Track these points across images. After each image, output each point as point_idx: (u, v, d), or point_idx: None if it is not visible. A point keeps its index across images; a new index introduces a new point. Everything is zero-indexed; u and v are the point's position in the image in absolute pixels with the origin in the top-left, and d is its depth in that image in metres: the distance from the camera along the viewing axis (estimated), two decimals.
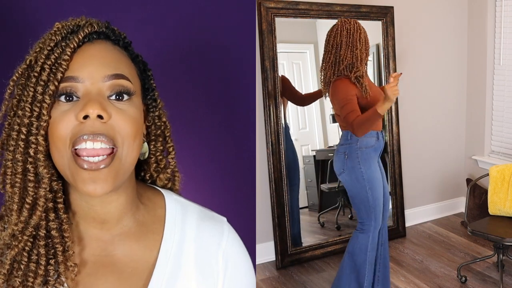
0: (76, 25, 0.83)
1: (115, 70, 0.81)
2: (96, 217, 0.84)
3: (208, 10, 1.50)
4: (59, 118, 0.78)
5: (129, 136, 0.80)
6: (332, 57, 2.10)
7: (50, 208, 0.81)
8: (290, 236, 2.83)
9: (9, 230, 0.79)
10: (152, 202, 0.93)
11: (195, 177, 1.17)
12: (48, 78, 0.78)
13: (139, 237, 0.87)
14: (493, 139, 3.40)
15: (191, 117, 1.47)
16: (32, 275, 0.78)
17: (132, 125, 0.80)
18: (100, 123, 0.77)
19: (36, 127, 0.78)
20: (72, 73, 0.78)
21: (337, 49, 2.09)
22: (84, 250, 0.84)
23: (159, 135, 0.95)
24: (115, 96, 0.80)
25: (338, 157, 2.16)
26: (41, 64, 0.79)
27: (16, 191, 0.79)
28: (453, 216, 3.62)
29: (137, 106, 0.84)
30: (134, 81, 0.84)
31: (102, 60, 0.81)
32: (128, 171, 0.83)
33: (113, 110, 0.79)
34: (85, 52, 0.81)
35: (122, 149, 0.80)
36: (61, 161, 0.79)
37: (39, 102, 0.77)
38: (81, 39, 0.81)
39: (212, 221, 0.93)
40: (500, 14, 3.20)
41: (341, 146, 2.16)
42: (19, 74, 0.81)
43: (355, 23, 2.11)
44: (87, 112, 0.76)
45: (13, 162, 0.80)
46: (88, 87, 0.78)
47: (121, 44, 0.87)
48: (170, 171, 0.98)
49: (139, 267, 0.85)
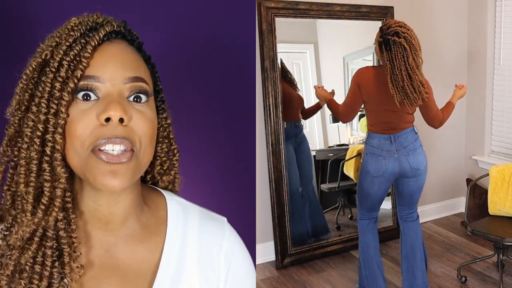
0: (95, 22, 0.81)
1: (135, 72, 0.80)
2: (102, 217, 0.84)
3: (208, 10, 1.50)
4: (78, 117, 0.75)
5: (146, 137, 0.79)
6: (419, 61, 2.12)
7: (59, 207, 0.78)
8: (290, 236, 2.83)
9: (19, 232, 0.76)
10: (155, 203, 0.93)
11: (195, 177, 1.18)
12: (66, 75, 0.75)
13: (142, 239, 0.87)
14: (493, 139, 3.40)
15: (191, 117, 1.46)
16: (37, 277, 0.76)
17: (150, 126, 0.80)
18: (121, 127, 0.75)
19: (53, 124, 0.75)
20: (92, 72, 0.76)
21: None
22: (90, 252, 0.83)
23: (165, 136, 0.94)
24: (133, 98, 0.79)
25: (421, 151, 2.26)
26: (59, 60, 0.76)
27: (31, 190, 0.76)
28: (453, 216, 3.62)
29: (153, 108, 0.84)
30: (149, 83, 0.84)
31: (122, 61, 0.79)
32: (142, 171, 0.82)
33: (133, 112, 0.78)
34: (106, 52, 0.79)
35: (140, 150, 0.79)
36: (77, 159, 0.76)
37: (56, 99, 0.75)
38: (101, 37, 0.79)
39: (213, 222, 0.93)
40: (500, 14, 3.20)
41: (416, 141, 2.25)
42: (33, 68, 0.78)
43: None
44: (109, 115, 0.74)
45: (27, 160, 0.76)
46: (109, 88, 0.77)
47: (135, 45, 0.87)
48: (173, 172, 0.97)
49: (142, 269, 0.85)
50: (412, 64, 2.02)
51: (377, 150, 2.21)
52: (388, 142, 2.20)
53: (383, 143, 2.20)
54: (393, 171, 2.22)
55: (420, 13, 3.21)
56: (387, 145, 2.20)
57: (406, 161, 2.21)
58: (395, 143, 2.20)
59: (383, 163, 2.21)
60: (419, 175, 2.27)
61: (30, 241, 0.77)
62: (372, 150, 2.23)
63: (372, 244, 2.39)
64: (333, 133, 3.07)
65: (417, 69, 2.04)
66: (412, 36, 2.04)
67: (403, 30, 2.03)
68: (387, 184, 2.28)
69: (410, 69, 2.02)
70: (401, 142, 2.20)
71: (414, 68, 2.03)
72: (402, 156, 2.20)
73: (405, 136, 2.21)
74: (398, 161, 2.21)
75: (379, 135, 2.21)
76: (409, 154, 2.21)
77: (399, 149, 2.20)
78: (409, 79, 2.03)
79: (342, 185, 3.11)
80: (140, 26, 0.92)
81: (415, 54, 2.03)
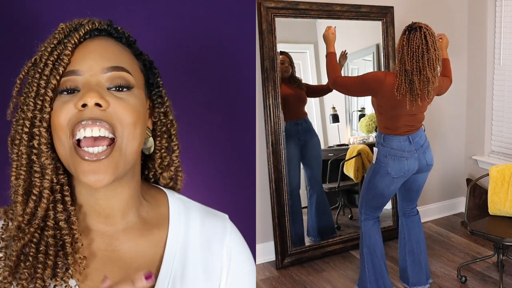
0: (79, 24, 0.85)
1: (114, 62, 0.82)
2: (101, 211, 0.85)
3: (208, 10, 1.50)
4: (59, 108, 0.80)
5: (129, 125, 0.81)
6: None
7: (58, 199, 0.82)
8: (290, 236, 2.83)
9: (15, 222, 0.80)
10: (156, 200, 0.94)
11: (195, 177, 1.18)
12: (50, 72, 0.80)
13: (143, 232, 0.88)
14: (493, 139, 3.40)
15: (191, 117, 1.46)
16: (41, 266, 0.78)
17: (132, 113, 0.82)
18: (99, 110, 0.79)
19: (39, 119, 0.80)
20: (73, 67, 0.81)
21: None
22: (91, 244, 0.85)
23: (165, 132, 0.96)
24: (114, 87, 0.82)
25: (430, 147, 2.35)
26: (44, 60, 0.81)
27: (20, 182, 0.80)
28: (453, 216, 3.62)
29: (138, 97, 0.85)
30: (135, 74, 0.86)
31: (102, 53, 0.82)
32: (130, 162, 0.84)
33: (112, 98, 0.80)
34: (86, 47, 0.83)
35: (122, 138, 0.81)
36: (64, 152, 0.80)
37: (41, 95, 0.79)
38: (82, 35, 0.83)
39: (215, 218, 0.95)
40: (500, 14, 3.19)
41: (426, 138, 2.33)
42: (25, 72, 0.84)
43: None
44: (85, 101, 0.77)
45: (18, 155, 0.81)
46: (87, 78, 0.80)
47: (123, 41, 0.89)
48: (174, 169, 0.99)
49: (146, 263, 0.86)
50: (431, 56, 2.04)
51: (399, 151, 2.23)
52: (408, 143, 2.24)
53: (403, 144, 2.23)
54: (413, 169, 2.27)
55: (420, 13, 3.21)
56: (407, 146, 2.24)
57: (424, 159, 2.28)
58: (414, 143, 2.25)
59: (405, 164, 2.24)
60: (428, 170, 2.37)
61: (28, 231, 0.79)
62: (393, 152, 2.23)
63: (379, 245, 2.41)
64: (333, 133, 3.07)
65: (432, 66, 2.06)
66: (433, 37, 2.08)
67: (427, 28, 2.08)
68: (401, 182, 2.33)
69: (427, 61, 2.04)
70: (418, 141, 2.26)
71: (431, 61, 2.05)
72: (421, 154, 2.27)
73: (419, 136, 2.28)
74: (418, 160, 2.27)
75: (398, 137, 2.23)
76: (425, 152, 2.29)
77: (417, 148, 2.26)
78: (418, 73, 2.05)
79: (342, 185, 3.11)
80: (140, 26, 0.93)
81: (433, 50, 2.05)
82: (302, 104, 2.89)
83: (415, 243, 2.47)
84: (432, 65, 2.06)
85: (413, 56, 2.04)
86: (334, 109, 3.05)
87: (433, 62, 2.05)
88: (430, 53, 2.04)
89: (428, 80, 2.07)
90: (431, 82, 2.08)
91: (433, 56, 2.05)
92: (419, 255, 2.48)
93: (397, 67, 2.12)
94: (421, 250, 2.49)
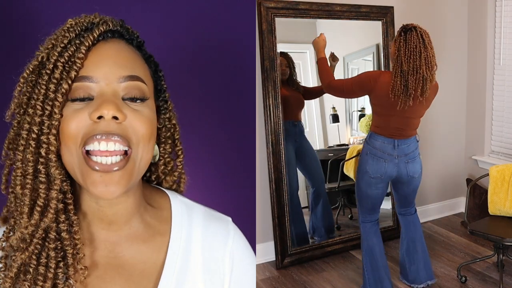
0: (90, 22, 0.80)
1: (130, 71, 0.79)
2: (104, 218, 0.83)
3: (208, 10, 1.50)
4: (71, 116, 0.75)
5: (144, 137, 0.78)
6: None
7: (60, 209, 0.78)
8: (290, 236, 2.83)
9: (18, 233, 0.76)
10: (158, 204, 0.92)
11: (195, 177, 1.18)
12: (61, 76, 0.75)
13: (146, 238, 0.87)
14: (493, 139, 3.40)
15: (191, 117, 1.46)
16: (41, 278, 0.76)
17: (147, 126, 0.79)
18: (115, 124, 0.75)
19: (48, 126, 0.74)
20: (86, 72, 0.76)
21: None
22: (94, 252, 0.83)
23: (169, 137, 0.94)
24: (129, 98, 0.78)
25: (419, 159, 2.31)
26: (53, 61, 0.76)
27: (27, 192, 0.76)
28: (453, 216, 3.62)
29: (151, 107, 0.82)
30: (148, 82, 0.83)
31: (117, 60, 0.78)
32: (141, 174, 0.81)
33: (128, 111, 0.77)
34: (100, 51, 0.78)
35: (137, 150, 0.78)
36: (71, 161, 0.76)
37: (51, 100, 0.74)
38: (96, 38, 0.78)
39: (218, 222, 0.93)
40: (500, 14, 3.19)
41: (416, 149, 2.30)
42: (30, 71, 0.78)
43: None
44: (102, 113, 0.73)
45: (23, 162, 0.76)
46: (103, 87, 0.76)
47: (134, 44, 0.86)
48: (177, 173, 0.97)
49: (148, 269, 0.84)
50: (429, 54, 2.06)
51: (379, 152, 2.22)
52: (391, 147, 2.21)
53: (386, 146, 2.22)
54: (390, 174, 2.25)
55: (420, 13, 3.21)
56: (389, 149, 2.22)
57: (404, 168, 2.25)
58: (397, 149, 2.22)
59: (383, 166, 2.22)
60: (413, 182, 2.34)
61: (30, 242, 0.77)
62: (374, 151, 2.23)
63: (377, 247, 2.40)
64: (333, 133, 3.07)
65: (430, 64, 2.07)
66: (428, 36, 2.11)
67: (421, 28, 2.11)
68: (384, 185, 2.31)
69: (424, 59, 2.05)
70: (403, 149, 2.23)
71: (429, 59, 2.06)
72: (402, 162, 2.24)
73: (407, 144, 2.24)
74: (397, 167, 2.24)
75: (383, 137, 2.22)
76: (408, 162, 2.26)
77: (400, 155, 2.23)
78: (415, 72, 2.05)
79: (342, 185, 3.11)
80: (140, 26, 0.92)
81: (430, 48, 2.08)
82: (299, 106, 2.89)
83: (411, 242, 2.48)
84: (430, 62, 2.07)
85: (411, 56, 2.05)
86: (334, 109, 3.05)
87: (430, 60, 2.07)
88: (427, 51, 2.06)
89: (425, 78, 2.07)
90: (428, 80, 2.09)
91: (430, 54, 2.08)
92: (414, 255, 2.48)
93: (393, 69, 2.12)
94: (417, 249, 2.48)
